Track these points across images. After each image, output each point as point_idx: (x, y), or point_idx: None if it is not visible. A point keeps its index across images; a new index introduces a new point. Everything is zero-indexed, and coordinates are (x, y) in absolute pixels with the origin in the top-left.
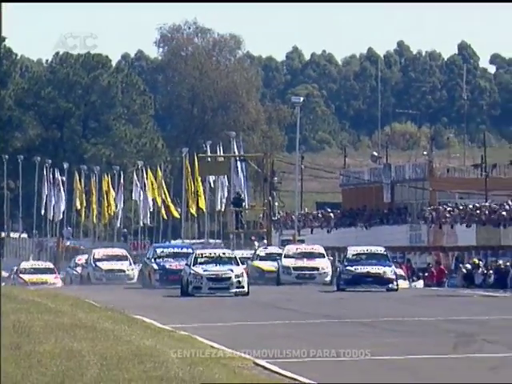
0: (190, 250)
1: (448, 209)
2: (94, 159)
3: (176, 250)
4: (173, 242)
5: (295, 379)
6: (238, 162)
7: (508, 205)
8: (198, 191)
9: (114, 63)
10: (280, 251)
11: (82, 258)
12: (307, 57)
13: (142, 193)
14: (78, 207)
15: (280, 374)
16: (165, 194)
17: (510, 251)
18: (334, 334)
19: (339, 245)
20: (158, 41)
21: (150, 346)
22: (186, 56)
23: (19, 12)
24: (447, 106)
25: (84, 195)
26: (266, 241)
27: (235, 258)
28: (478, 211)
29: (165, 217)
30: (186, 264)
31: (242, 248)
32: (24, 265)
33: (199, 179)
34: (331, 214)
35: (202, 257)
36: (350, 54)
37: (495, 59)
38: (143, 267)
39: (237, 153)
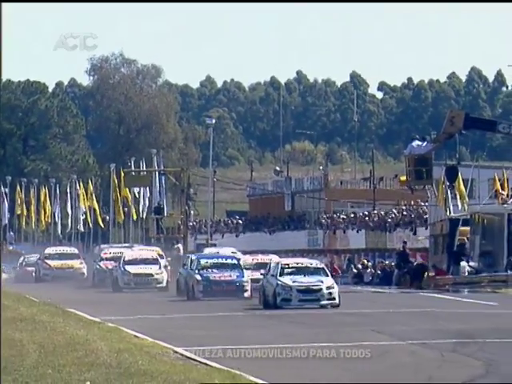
0: (234, 261)
1: (341, 216)
2: (33, 173)
3: (220, 260)
4: (102, 245)
5: (208, 364)
6: (159, 176)
7: (393, 213)
8: (128, 201)
9: (50, 89)
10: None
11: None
12: (219, 84)
13: (74, 202)
14: (19, 215)
15: (195, 360)
16: (94, 203)
17: (394, 253)
18: (244, 325)
19: (246, 248)
20: (89, 70)
21: (82, 336)
22: (114, 83)
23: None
24: (340, 127)
25: (24, 204)
26: (180, 245)
27: (323, 268)
28: (367, 218)
29: (99, 223)
30: (271, 275)
31: (162, 250)
32: (49, 250)
33: (127, 190)
34: (239, 221)
35: (288, 267)
36: (255, 82)
37: (382, 86)
38: (187, 278)
39: (157, 168)
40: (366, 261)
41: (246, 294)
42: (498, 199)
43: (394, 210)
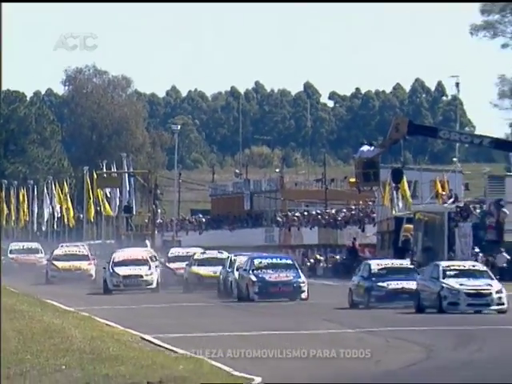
0: (289, 261)
1: (295, 214)
2: (13, 175)
3: (275, 260)
4: (78, 243)
5: (172, 350)
6: (128, 178)
7: (343, 212)
8: (102, 200)
9: (28, 98)
10: (219, 256)
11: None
12: (184, 94)
13: (51, 202)
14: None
15: (161, 346)
16: (68, 203)
17: (344, 249)
18: (204, 314)
19: (209, 245)
20: (64, 80)
21: (58, 324)
22: (87, 93)
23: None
24: (295, 133)
25: (5, 204)
26: (148, 241)
27: (487, 271)
28: (319, 216)
29: (71, 221)
30: (432, 277)
31: (131, 246)
32: (57, 251)
33: (99, 191)
34: (202, 219)
35: (450, 269)
36: (217, 91)
37: (333, 95)
38: (239, 279)
39: (127, 170)
40: (318, 255)
41: (304, 295)
42: (438, 199)
43: (344, 210)
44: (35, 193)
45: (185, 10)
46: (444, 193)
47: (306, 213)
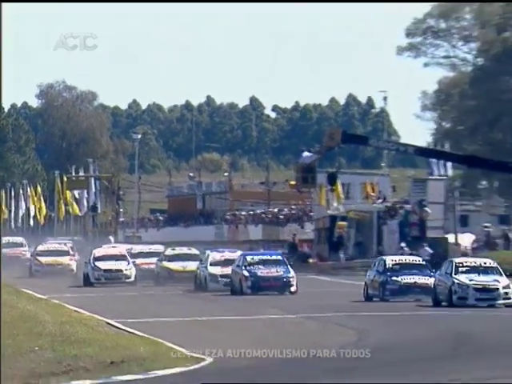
0: (279, 258)
1: (242, 213)
2: None
3: (265, 257)
4: (49, 238)
5: (133, 333)
6: (94, 181)
7: (284, 211)
8: (70, 201)
9: (6, 110)
10: (188, 252)
11: None
12: (144, 106)
13: (26, 203)
14: None
15: (123, 330)
16: (41, 203)
17: (285, 243)
18: (159, 300)
19: (166, 240)
20: (38, 94)
21: (32, 311)
22: (57, 106)
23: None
24: (242, 141)
25: None
26: (111, 237)
27: (497, 267)
28: (263, 215)
29: (41, 219)
30: (446, 273)
31: (97, 242)
32: (41, 247)
33: (68, 192)
34: (160, 217)
35: (463, 266)
36: (173, 104)
37: (275, 108)
38: (232, 274)
39: (93, 174)
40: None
41: (293, 289)
42: (368, 200)
43: (285, 209)
44: (12, 194)
45: (142, 29)
46: (373, 194)
47: (251, 212)
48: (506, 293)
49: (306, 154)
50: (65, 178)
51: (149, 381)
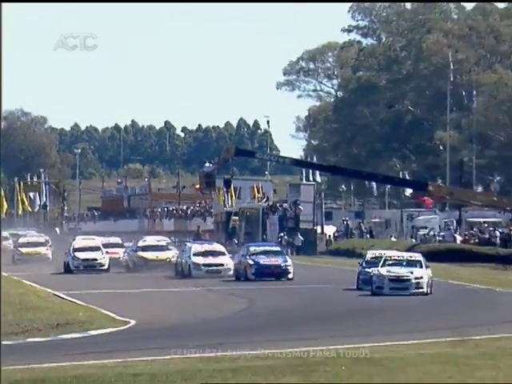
0: (278, 249)
1: (158, 210)
2: None
3: (267, 248)
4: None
5: (75, 302)
6: (45, 185)
7: (191, 208)
8: (25, 201)
9: None
10: (157, 243)
11: None
12: (82, 128)
13: None
14: None
15: (67, 300)
16: (3, 202)
17: (192, 233)
18: (99, 278)
19: (100, 230)
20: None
21: None
22: (16, 127)
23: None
24: (158, 154)
25: None
26: (57, 229)
27: (420, 261)
28: (174, 211)
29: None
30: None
31: (47, 233)
32: (22, 240)
33: (24, 194)
34: (95, 213)
35: (390, 259)
36: (105, 126)
37: (184, 129)
38: (237, 264)
39: (44, 180)
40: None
41: (290, 276)
42: (255, 200)
43: (191, 206)
44: None
45: (78, 59)
46: (259, 195)
47: (165, 209)
48: (418, 283)
49: (207, 164)
50: (22, 183)
51: (87, 338)
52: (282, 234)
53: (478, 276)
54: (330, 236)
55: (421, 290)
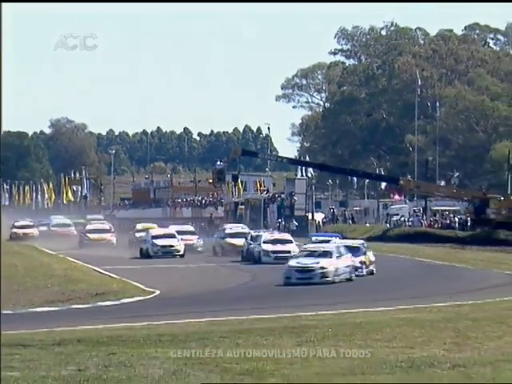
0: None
1: (179, 200)
2: (23, 178)
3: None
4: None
5: (110, 275)
6: (86, 180)
7: (205, 198)
8: (69, 193)
9: (30, 135)
10: (243, 230)
11: None
12: (116, 133)
13: (42, 193)
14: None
15: (104, 274)
16: (52, 193)
17: (206, 220)
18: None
19: (132, 217)
20: (50, 125)
21: (46, 261)
22: (62, 132)
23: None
24: (179, 155)
25: (17, 195)
26: (97, 215)
27: (330, 252)
28: (192, 201)
29: (51, 204)
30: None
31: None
32: (89, 227)
33: (69, 188)
34: (127, 203)
35: (305, 250)
36: (135, 132)
37: (200, 134)
38: (251, 248)
39: (85, 175)
40: (193, 224)
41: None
42: (258, 192)
43: (205, 197)
44: (33, 188)
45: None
46: (261, 188)
47: (184, 199)
48: (323, 272)
49: (219, 162)
50: (67, 178)
51: (119, 305)
52: (279, 220)
53: (441, 254)
54: (319, 222)
55: (326, 279)
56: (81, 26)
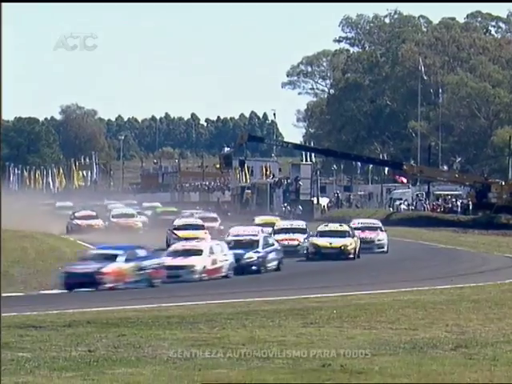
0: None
1: (186, 185)
2: (33, 163)
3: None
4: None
5: None
6: (95, 165)
7: (212, 183)
8: (79, 177)
9: (40, 121)
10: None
11: None
12: (125, 119)
13: (53, 177)
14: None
15: None
16: (62, 178)
17: (213, 204)
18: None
19: (140, 201)
20: (60, 111)
21: (58, 245)
22: (72, 118)
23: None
24: (186, 140)
25: (28, 179)
26: (107, 200)
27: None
28: (199, 186)
29: (61, 188)
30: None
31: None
32: (177, 222)
33: (79, 172)
34: (135, 187)
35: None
36: (144, 118)
37: (207, 120)
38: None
39: (95, 160)
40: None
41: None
42: (264, 177)
43: (213, 182)
44: (44, 173)
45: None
46: (267, 173)
47: (192, 184)
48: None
49: (226, 148)
50: (77, 163)
51: (130, 288)
52: (285, 205)
53: (443, 238)
54: (324, 206)
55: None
56: (83, 23)
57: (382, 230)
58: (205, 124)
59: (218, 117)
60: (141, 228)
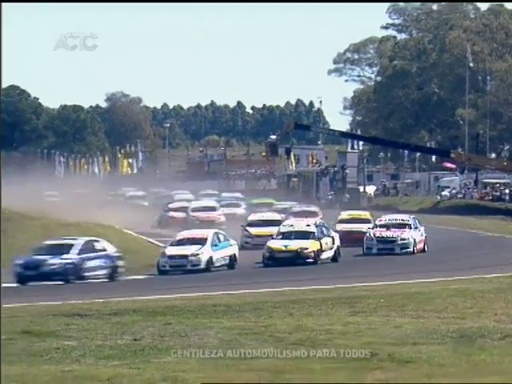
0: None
1: (233, 173)
2: (79, 152)
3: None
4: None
5: (160, 245)
6: (141, 152)
7: (258, 171)
8: (125, 165)
9: (85, 108)
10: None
11: None
12: (171, 106)
13: (98, 165)
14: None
15: (157, 245)
16: (107, 166)
17: (259, 191)
18: None
19: (187, 188)
20: (106, 99)
21: (105, 234)
22: (118, 106)
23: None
24: (232, 128)
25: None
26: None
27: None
28: (245, 174)
29: (106, 174)
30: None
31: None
32: (252, 217)
33: (125, 160)
34: (182, 175)
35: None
36: (189, 105)
37: (253, 107)
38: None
39: (140, 148)
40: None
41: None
42: (310, 164)
43: (259, 170)
44: (90, 161)
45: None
46: (314, 161)
47: (238, 172)
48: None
49: (272, 136)
50: (122, 151)
51: (175, 277)
52: (332, 193)
53: (492, 226)
54: (370, 194)
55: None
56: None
57: (412, 228)
58: (251, 112)
59: (264, 104)
60: (224, 222)
